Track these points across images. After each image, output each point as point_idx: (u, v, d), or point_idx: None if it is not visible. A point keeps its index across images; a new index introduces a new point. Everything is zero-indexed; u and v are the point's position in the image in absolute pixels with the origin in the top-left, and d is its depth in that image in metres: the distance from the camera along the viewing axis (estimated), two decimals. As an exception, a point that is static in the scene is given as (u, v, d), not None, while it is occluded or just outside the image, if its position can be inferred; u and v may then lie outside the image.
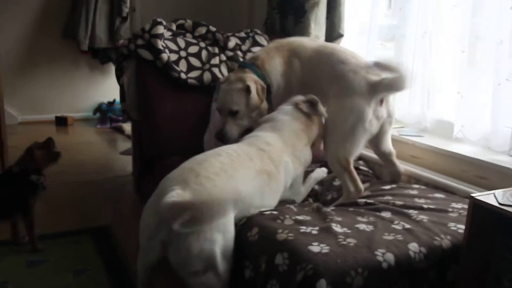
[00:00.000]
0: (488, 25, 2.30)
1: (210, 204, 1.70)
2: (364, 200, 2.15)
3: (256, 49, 3.01)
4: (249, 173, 1.95)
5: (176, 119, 2.81)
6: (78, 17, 5.76)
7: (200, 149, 2.34)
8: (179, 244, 1.70)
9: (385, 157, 2.46)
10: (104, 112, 6.18)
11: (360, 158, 2.74)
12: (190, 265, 1.72)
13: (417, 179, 2.45)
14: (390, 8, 2.90)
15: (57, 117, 6.16)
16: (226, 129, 2.35)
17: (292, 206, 2.05)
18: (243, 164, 1.95)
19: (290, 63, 2.45)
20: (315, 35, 2.90)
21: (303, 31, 2.87)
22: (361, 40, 3.13)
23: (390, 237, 1.72)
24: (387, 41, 2.93)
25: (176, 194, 1.68)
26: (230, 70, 2.95)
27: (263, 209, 1.99)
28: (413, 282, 1.64)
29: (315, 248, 1.61)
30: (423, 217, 1.89)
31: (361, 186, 2.24)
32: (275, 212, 1.96)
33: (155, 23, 2.87)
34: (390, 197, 2.17)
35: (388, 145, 2.43)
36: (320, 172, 2.54)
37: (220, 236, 1.73)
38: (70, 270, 2.61)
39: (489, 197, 1.60)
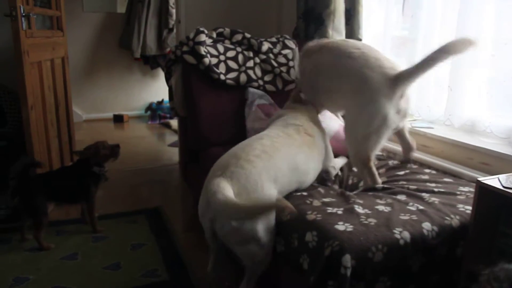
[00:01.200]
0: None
1: (254, 206, 1.65)
2: (381, 185, 2.10)
3: (286, 51, 3.00)
4: (291, 151, 1.94)
5: (216, 114, 2.80)
6: (131, 30, 5.82)
7: (236, 141, 2.33)
8: (222, 222, 1.69)
9: (399, 132, 2.25)
10: (154, 110, 6.25)
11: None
12: (233, 237, 1.71)
13: (428, 166, 2.39)
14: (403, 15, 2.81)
15: (115, 115, 6.25)
16: None
17: (320, 189, 2.03)
18: (284, 142, 1.95)
19: (303, 64, 2.34)
20: None
21: (322, 36, 2.78)
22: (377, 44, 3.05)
23: (406, 217, 1.68)
24: (401, 45, 2.85)
25: (217, 185, 1.64)
26: (263, 71, 2.93)
27: (312, 173, 2.05)
28: (427, 257, 1.61)
29: (340, 227, 1.59)
30: (435, 199, 1.84)
31: (379, 180, 2.10)
32: (305, 193, 1.95)
33: (198, 32, 2.87)
34: (404, 182, 2.11)
35: (404, 123, 2.18)
36: (342, 160, 2.48)
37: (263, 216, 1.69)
38: (128, 244, 2.65)
39: (494, 181, 1.56)
